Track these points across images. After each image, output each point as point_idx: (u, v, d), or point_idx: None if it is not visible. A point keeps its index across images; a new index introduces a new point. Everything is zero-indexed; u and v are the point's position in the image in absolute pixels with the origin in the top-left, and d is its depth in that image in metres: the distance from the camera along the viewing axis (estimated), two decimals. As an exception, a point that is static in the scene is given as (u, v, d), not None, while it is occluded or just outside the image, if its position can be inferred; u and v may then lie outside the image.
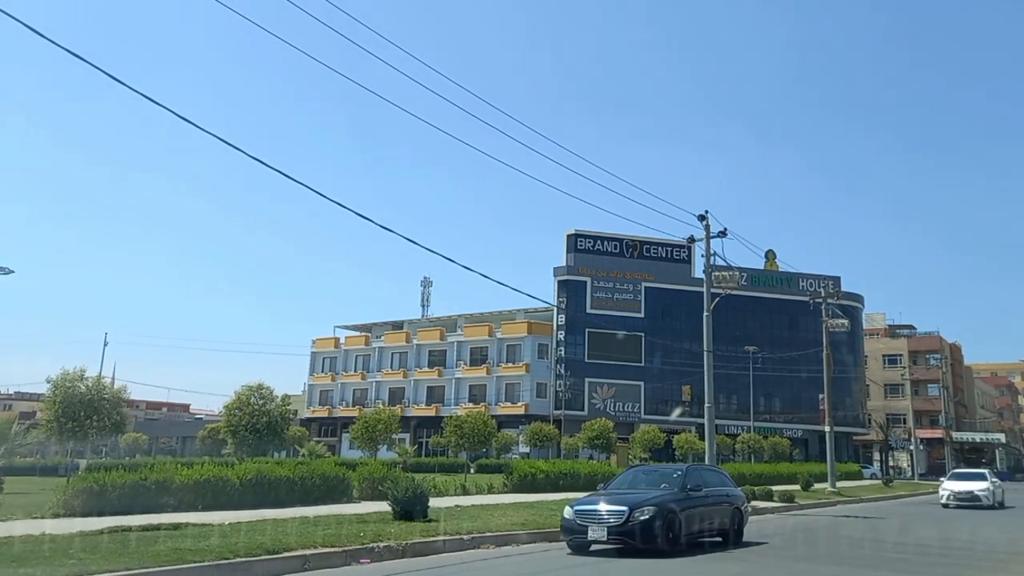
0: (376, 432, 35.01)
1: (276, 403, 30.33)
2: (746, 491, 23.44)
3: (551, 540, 13.50)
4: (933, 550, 14.17)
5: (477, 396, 67.80)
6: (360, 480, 20.39)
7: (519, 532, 13.46)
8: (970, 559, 13.10)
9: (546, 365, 66.35)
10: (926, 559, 12.81)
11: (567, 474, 26.53)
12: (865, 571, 11.29)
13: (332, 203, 12.34)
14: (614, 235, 70.18)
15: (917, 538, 16.45)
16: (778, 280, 70.67)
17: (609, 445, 43.46)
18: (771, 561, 12.10)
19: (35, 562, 8.75)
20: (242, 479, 17.02)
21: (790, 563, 11.89)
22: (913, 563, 12.26)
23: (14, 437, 24.29)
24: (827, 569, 11.41)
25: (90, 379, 24.75)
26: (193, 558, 9.21)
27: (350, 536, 11.38)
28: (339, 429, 72.28)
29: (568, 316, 66.53)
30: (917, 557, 13.08)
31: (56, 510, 14.47)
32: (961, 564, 12.31)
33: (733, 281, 24.38)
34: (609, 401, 65.04)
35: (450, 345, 71.15)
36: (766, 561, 12.03)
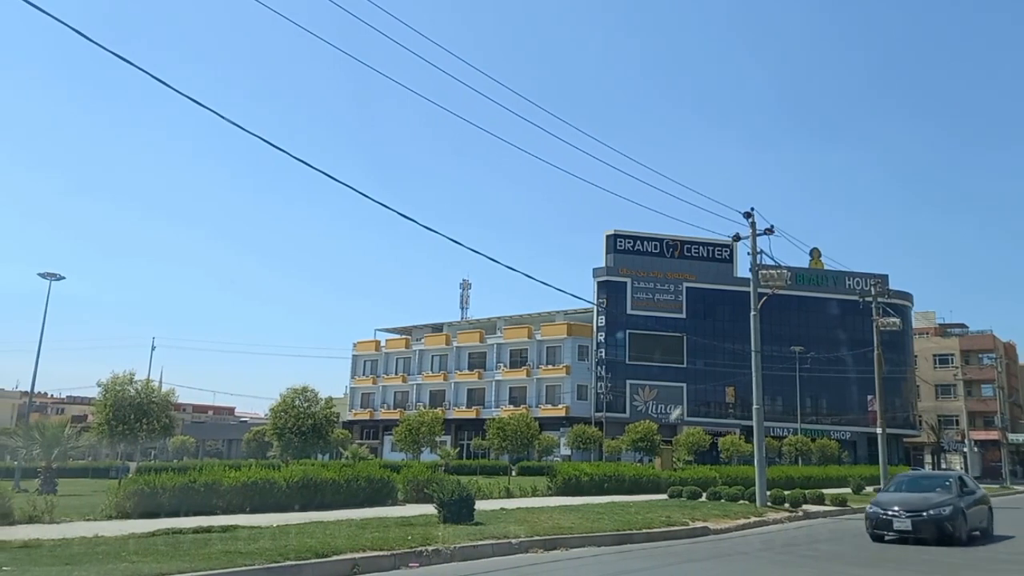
0: (419, 434, 35.01)
1: (320, 405, 30.50)
2: (795, 495, 23.06)
3: (599, 544, 13.27)
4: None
5: (517, 398, 67.66)
6: (405, 482, 20.36)
7: (567, 536, 13.23)
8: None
9: (586, 367, 65.95)
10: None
11: (611, 477, 26.20)
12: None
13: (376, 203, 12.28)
14: (654, 235, 69.58)
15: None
16: (824, 279, 69.32)
17: (653, 447, 42.97)
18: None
19: (89, 564, 8.81)
20: (289, 481, 17.09)
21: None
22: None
23: (67, 440, 24.78)
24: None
25: (139, 383, 25.15)
26: (244, 561, 9.20)
27: (398, 539, 11.30)
28: (381, 431, 72.75)
29: (608, 317, 66.07)
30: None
31: (109, 512, 14.66)
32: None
33: (781, 279, 23.78)
34: (651, 403, 64.40)
35: (490, 347, 71.14)
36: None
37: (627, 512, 17.40)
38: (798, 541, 15.04)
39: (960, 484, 15.90)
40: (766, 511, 20.50)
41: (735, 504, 21.96)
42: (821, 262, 67.52)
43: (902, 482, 17.08)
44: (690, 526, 16.04)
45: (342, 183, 12.09)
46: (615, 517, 16.10)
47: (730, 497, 23.23)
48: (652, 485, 27.26)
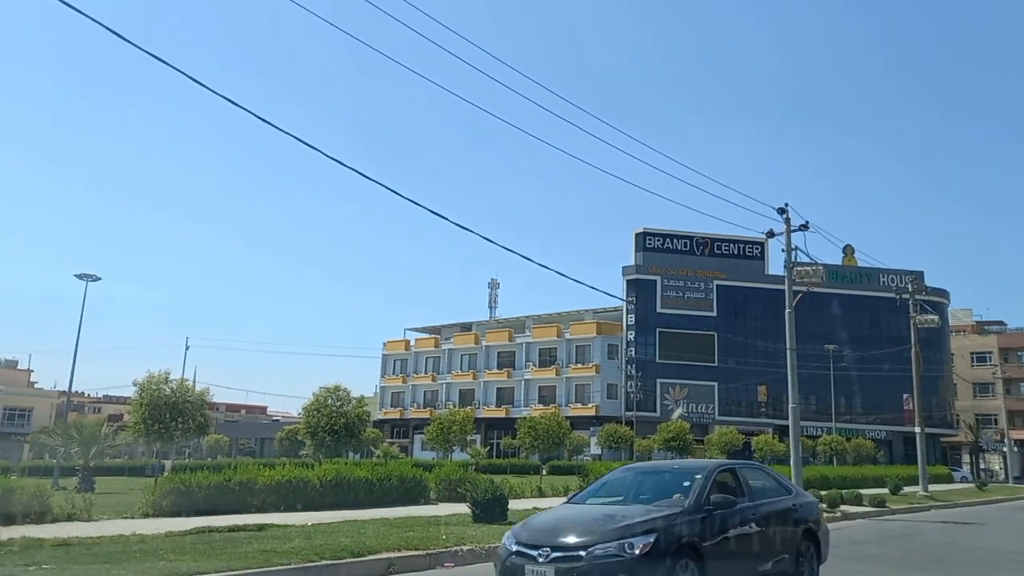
0: (451, 433, 35.04)
1: (352, 404, 30.62)
2: (833, 495, 22.56)
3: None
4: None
5: (547, 397, 67.54)
6: (437, 482, 20.33)
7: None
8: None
9: (616, 366, 65.63)
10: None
11: (645, 475, 25.91)
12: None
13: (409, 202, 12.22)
14: (684, 233, 69.07)
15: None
16: (857, 276, 68.29)
17: (685, 447, 42.58)
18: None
19: (127, 562, 8.84)
20: (322, 480, 17.13)
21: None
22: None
23: (104, 439, 25.14)
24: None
25: (174, 382, 25.41)
26: (279, 560, 9.18)
27: (432, 539, 11.23)
28: (411, 431, 73.05)
29: (638, 316, 65.70)
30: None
31: (145, 510, 14.79)
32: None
33: (816, 276, 23.37)
34: (682, 402, 63.87)
35: (519, 346, 71.10)
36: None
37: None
38: (839, 543, 14.64)
39: (718, 487, 8.33)
40: (803, 512, 20.10)
41: (771, 504, 21.58)
42: (855, 259, 66.61)
43: (611, 482, 9.41)
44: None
45: (375, 181, 12.04)
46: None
47: (765, 497, 22.84)
48: (685, 484, 26.90)
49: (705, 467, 8.84)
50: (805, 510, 9.49)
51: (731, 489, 8.47)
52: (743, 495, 8.50)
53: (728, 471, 8.88)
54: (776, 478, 9.86)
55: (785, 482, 9.91)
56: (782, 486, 9.62)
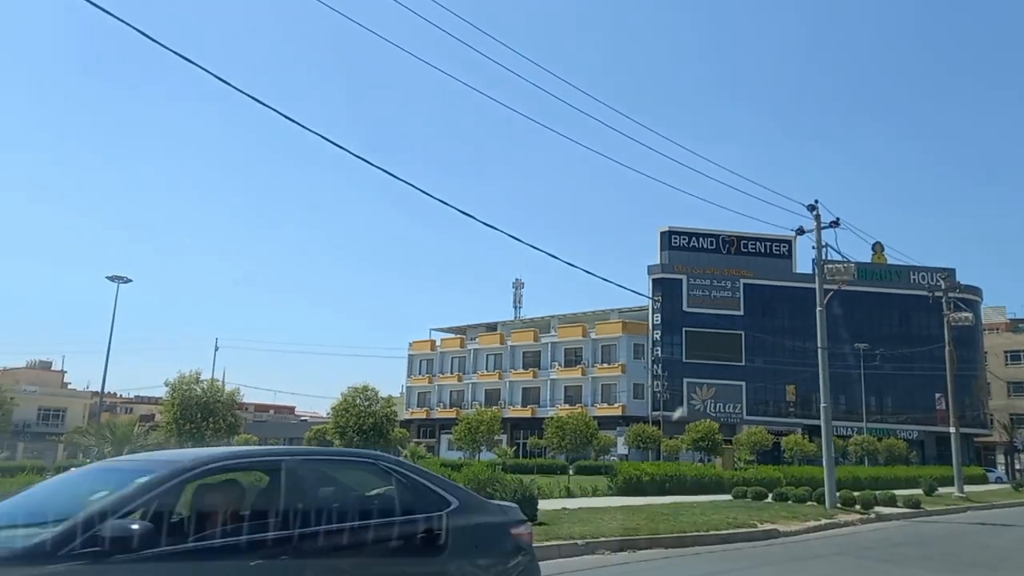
0: (478, 433, 35.02)
1: (381, 404, 30.73)
2: (866, 496, 22.25)
3: (666, 546, 12.94)
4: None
5: (573, 397, 67.39)
6: (465, 481, 20.22)
7: (634, 537, 12.94)
8: None
9: (643, 365, 65.33)
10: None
11: (673, 477, 25.76)
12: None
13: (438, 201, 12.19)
14: (710, 231, 68.64)
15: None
16: (887, 274, 67.35)
17: (714, 447, 42.22)
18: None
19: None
20: (351, 480, 17.12)
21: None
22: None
23: (136, 439, 25.44)
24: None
25: (205, 382, 25.67)
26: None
27: (463, 540, 11.17)
28: (437, 430, 73.25)
29: (664, 315, 65.36)
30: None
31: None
32: None
33: (847, 274, 23.03)
34: (709, 402, 63.44)
35: (544, 346, 71.04)
36: None
37: (692, 513, 17.01)
38: (875, 544, 14.45)
39: (195, 506, 4.36)
40: (836, 513, 19.85)
41: (803, 506, 21.35)
42: (884, 256, 65.61)
43: (41, 492, 4.89)
44: (759, 528, 15.59)
45: (404, 181, 12.02)
46: (681, 518, 15.75)
47: (797, 498, 22.61)
48: (714, 485, 26.78)
49: (168, 466, 4.39)
50: (470, 539, 5.17)
51: (234, 511, 4.41)
52: (276, 517, 4.36)
53: (225, 479, 4.57)
54: (424, 481, 5.43)
55: (442, 488, 5.46)
56: (431, 491, 5.33)
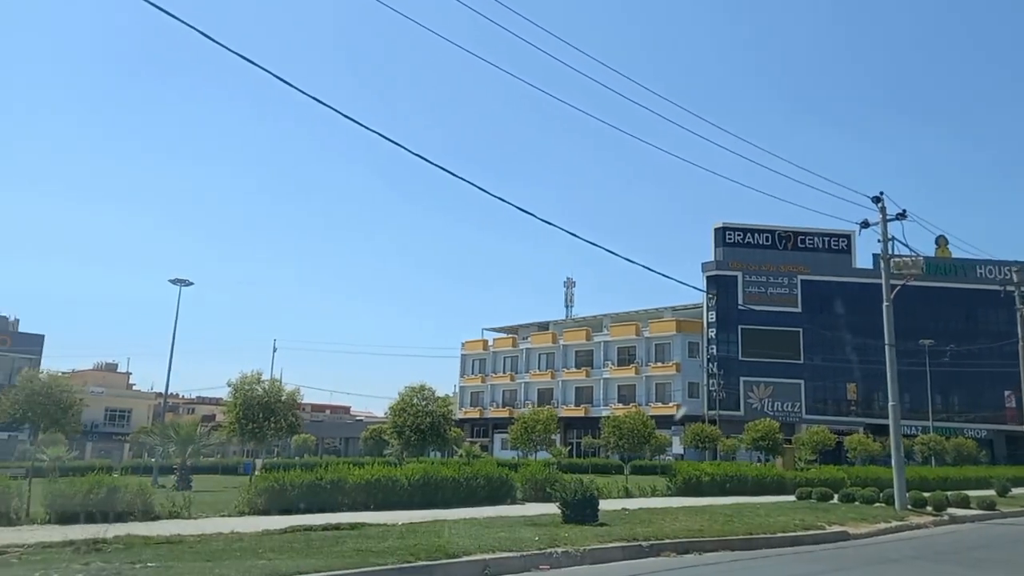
0: (534, 433, 34.84)
1: (437, 404, 30.78)
2: (938, 497, 21.43)
3: (732, 548, 12.61)
4: None
5: (626, 396, 66.78)
6: (523, 481, 20.18)
7: (699, 539, 12.63)
8: None
9: (697, 364, 64.40)
10: None
11: (733, 477, 25.20)
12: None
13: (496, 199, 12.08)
14: (765, 227, 67.38)
15: None
16: (951, 268, 65.14)
17: (775, 447, 41.29)
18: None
19: (229, 560, 8.96)
20: (410, 480, 17.19)
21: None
22: None
23: (199, 439, 26.01)
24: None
25: (266, 382, 26.06)
26: (376, 560, 9.15)
27: (525, 540, 11.05)
28: (491, 430, 73.37)
29: (719, 313, 64.36)
30: None
31: (242, 508, 15.12)
32: None
33: (916, 267, 22.15)
34: (767, 401, 62.20)
35: (596, 345, 70.57)
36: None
37: (757, 514, 16.60)
38: (953, 548, 13.87)
39: None
40: (907, 515, 19.15)
41: (871, 507, 20.67)
42: (948, 250, 63.58)
43: None
44: (827, 530, 15.12)
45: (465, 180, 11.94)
46: (745, 519, 15.37)
47: (865, 499, 21.91)
48: (776, 486, 26.14)
49: None
50: None
51: None
52: None
53: None
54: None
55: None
56: None
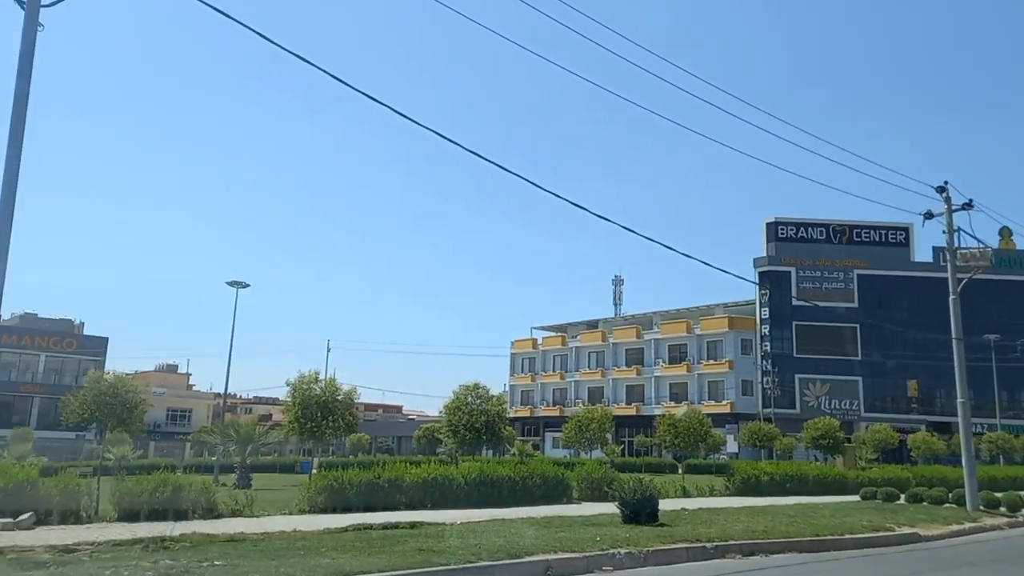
0: (588, 431, 34.56)
1: (492, 402, 30.78)
2: (1011, 497, 20.60)
3: (799, 551, 12.25)
4: None
5: (678, 394, 66.00)
6: (579, 480, 20.03)
7: (764, 541, 12.31)
8: None
9: (751, 361, 63.27)
10: None
11: (793, 477, 24.66)
12: None
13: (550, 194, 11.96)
14: (819, 220, 65.97)
15: None
16: (1017, 261, 62.78)
17: (836, 446, 40.26)
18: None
19: (293, 559, 9.00)
20: (467, 478, 17.20)
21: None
22: None
23: (258, 438, 26.46)
24: None
25: (323, 381, 26.39)
26: (439, 560, 9.10)
27: (587, 540, 10.90)
28: (541, 428, 73.24)
29: (772, 309, 63.11)
30: None
31: (302, 506, 15.30)
32: None
33: (984, 259, 21.30)
34: (823, 398, 60.81)
35: (647, 343, 69.90)
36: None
37: (821, 515, 16.16)
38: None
39: None
40: (980, 516, 18.45)
41: (940, 508, 19.97)
42: (1012, 242, 61.39)
43: None
44: (897, 532, 14.62)
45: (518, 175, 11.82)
46: (810, 521, 14.96)
47: (933, 500, 21.18)
48: (838, 486, 25.52)
49: None
50: None
51: None
52: None
53: None
54: None
55: None
56: None
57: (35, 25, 7.50)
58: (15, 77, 7.38)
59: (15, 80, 7.39)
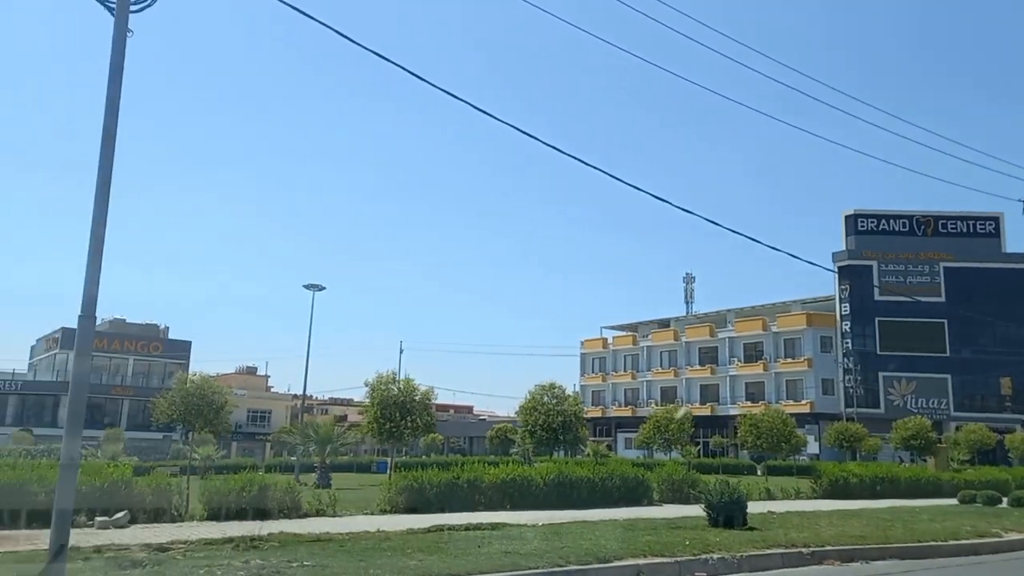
0: (667, 432, 33.94)
1: (568, 402, 30.52)
2: None
3: (901, 557, 11.61)
4: None
5: (755, 394, 64.46)
6: (659, 482, 19.60)
7: (862, 547, 11.70)
8: None
9: (831, 359, 61.33)
10: None
11: (884, 479, 23.65)
12: None
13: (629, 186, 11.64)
14: (901, 212, 63.62)
15: None
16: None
17: (927, 446, 38.57)
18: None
19: (379, 560, 8.95)
20: (545, 479, 17.00)
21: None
22: None
23: (336, 438, 26.88)
24: None
25: (401, 382, 26.67)
26: (526, 563, 8.90)
27: (675, 545, 10.54)
28: (613, 428, 72.59)
29: (853, 304, 61.08)
30: None
31: (383, 506, 15.37)
32: None
33: (1093, 247, 20.07)
34: (909, 397, 58.45)
35: (721, 341, 68.53)
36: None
37: (919, 520, 15.37)
38: None
39: None
40: (1094, 522, 17.24)
41: (1049, 513, 18.77)
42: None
43: None
44: (1005, 538, 13.74)
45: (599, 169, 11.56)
46: (908, 525, 14.22)
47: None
48: (931, 488, 24.42)
49: None
50: None
51: None
52: None
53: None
54: None
55: None
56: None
57: (124, 30, 7.64)
58: (107, 82, 7.52)
59: (107, 85, 7.53)
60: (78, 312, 7.40)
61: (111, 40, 7.53)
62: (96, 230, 7.49)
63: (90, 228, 7.48)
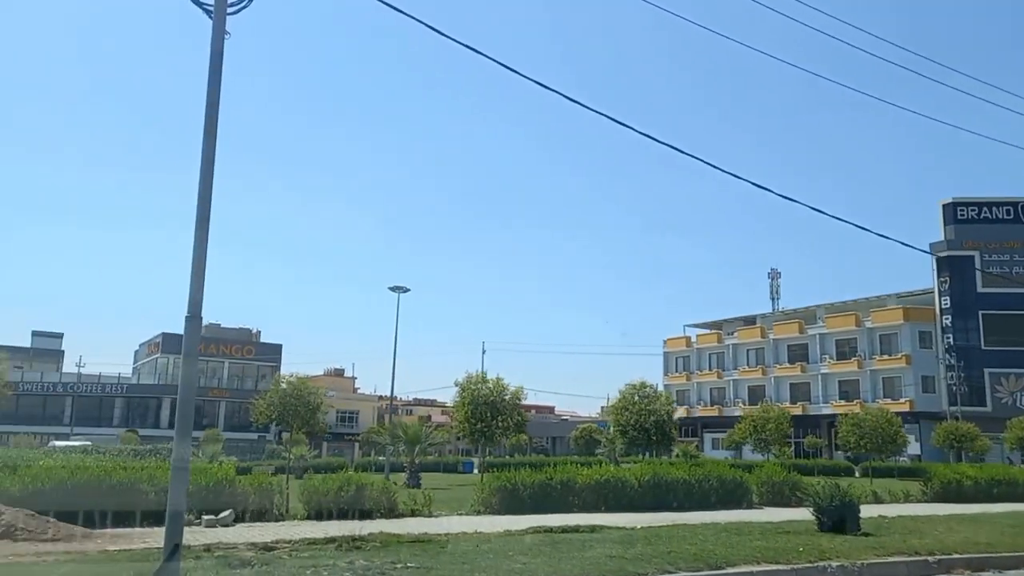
0: (765, 432, 32.85)
1: (660, 401, 29.89)
2: None
3: (1038, 566, 10.72)
4: None
5: (848, 392, 61.95)
6: (757, 484, 18.87)
7: (991, 555, 10.87)
8: None
9: (931, 355, 58.35)
10: None
11: (1001, 481, 22.19)
12: None
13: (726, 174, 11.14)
14: (1005, 199, 60.12)
15: None
16: None
17: (1047, 446, 36.23)
18: None
19: (482, 562, 8.78)
20: (640, 481, 16.59)
21: None
22: None
23: (425, 438, 27.04)
24: None
25: (491, 381, 26.63)
26: (634, 569, 8.56)
27: (787, 550, 9.99)
28: (699, 428, 71.02)
29: (954, 297, 57.98)
30: None
31: (477, 507, 15.27)
32: None
33: None
34: (1019, 394, 55.08)
35: (811, 338, 66.05)
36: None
37: (1050, 525, 14.26)
38: None
39: None
40: None
41: None
42: None
43: None
44: None
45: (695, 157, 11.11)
46: (1041, 531, 13.19)
47: None
48: (1054, 492, 22.75)
49: None
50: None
51: None
52: None
53: None
54: None
55: None
56: None
57: (222, 32, 7.68)
58: (206, 84, 7.57)
59: (206, 87, 7.58)
60: (184, 313, 7.45)
61: (209, 42, 7.58)
62: (200, 231, 7.53)
63: (193, 230, 7.52)
